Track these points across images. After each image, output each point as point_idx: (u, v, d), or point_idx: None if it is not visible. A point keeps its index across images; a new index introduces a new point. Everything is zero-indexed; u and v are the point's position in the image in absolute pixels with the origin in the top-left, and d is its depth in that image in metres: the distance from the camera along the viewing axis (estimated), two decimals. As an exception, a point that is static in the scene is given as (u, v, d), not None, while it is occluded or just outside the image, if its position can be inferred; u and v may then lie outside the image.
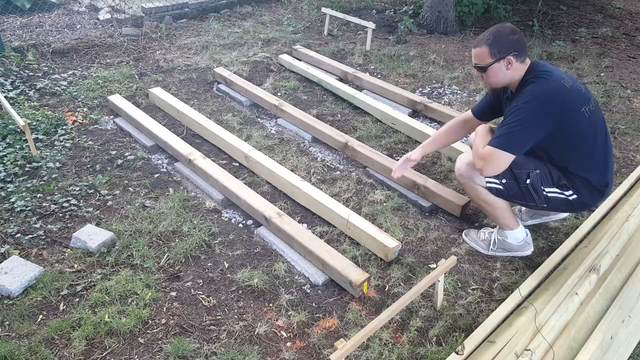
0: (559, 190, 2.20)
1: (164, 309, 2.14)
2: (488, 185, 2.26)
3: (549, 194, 2.20)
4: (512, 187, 2.22)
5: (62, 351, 1.93)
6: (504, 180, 2.22)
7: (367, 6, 6.42)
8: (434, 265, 2.37)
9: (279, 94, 4.08)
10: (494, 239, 2.45)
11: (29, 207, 2.67)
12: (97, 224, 2.58)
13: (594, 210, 2.68)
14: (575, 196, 2.20)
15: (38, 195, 2.77)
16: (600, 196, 2.22)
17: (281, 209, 2.66)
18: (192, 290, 2.25)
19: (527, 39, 5.34)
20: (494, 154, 2.08)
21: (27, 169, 2.96)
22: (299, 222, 2.65)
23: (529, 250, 2.46)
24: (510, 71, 2.12)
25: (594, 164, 2.16)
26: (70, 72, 4.22)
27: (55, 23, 5.31)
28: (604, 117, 2.30)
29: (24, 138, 3.18)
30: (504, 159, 2.08)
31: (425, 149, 2.55)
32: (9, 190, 2.77)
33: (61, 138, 3.29)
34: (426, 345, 2.01)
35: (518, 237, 2.42)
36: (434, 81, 4.39)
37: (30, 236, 2.49)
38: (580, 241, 2.47)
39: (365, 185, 2.99)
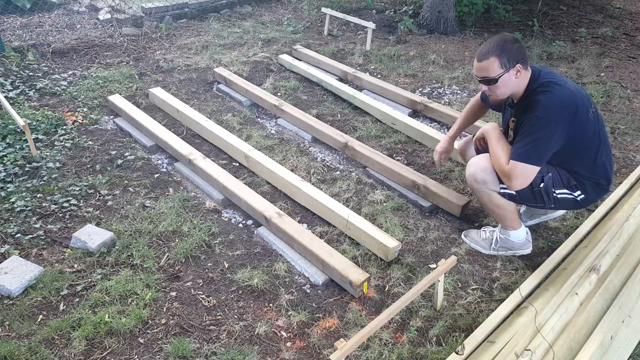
0: (568, 192, 2.24)
1: (164, 309, 2.14)
2: (502, 191, 2.27)
3: (559, 196, 2.23)
4: (525, 191, 2.22)
5: (62, 351, 1.93)
6: None
7: (367, 6, 6.42)
8: (434, 265, 2.37)
9: (279, 94, 4.08)
10: (496, 238, 2.45)
11: (29, 207, 2.67)
12: (97, 224, 2.58)
13: (594, 210, 2.68)
14: (583, 196, 2.25)
15: (38, 195, 2.77)
16: (605, 193, 2.29)
17: (281, 209, 2.66)
18: (192, 290, 2.25)
19: (527, 39, 5.35)
20: (522, 169, 2.08)
21: (27, 169, 2.96)
22: (299, 222, 2.65)
23: (529, 249, 2.46)
24: (518, 79, 2.12)
25: (600, 164, 2.20)
26: (70, 72, 4.22)
27: (55, 23, 5.31)
28: (604, 116, 2.32)
29: (24, 138, 3.18)
30: (532, 172, 2.09)
31: (454, 135, 2.64)
32: (9, 190, 2.77)
33: (61, 138, 3.29)
34: (426, 345, 2.01)
35: (520, 236, 2.43)
36: (434, 81, 4.39)
37: (30, 236, 2.49)
38: (580, 241, 2.47)
39: (365, 185, 2.99)
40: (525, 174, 2.09)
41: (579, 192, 2.24)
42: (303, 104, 3.94)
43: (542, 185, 2.19)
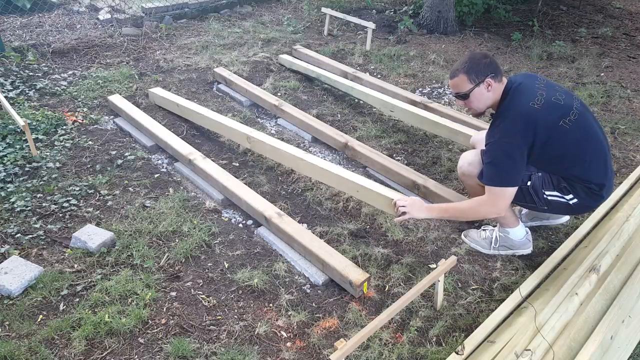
0: (559, 194, 2.21)
1: (164, 309, 2.14)
2: None
3: (549, 197, 2.21)
4: None
5: (62, 351, 1.93)
6: None
7: (367, 6, 6.42)
8: (434, 265, 2.37)
9: (279, 94, 4.08)
10: (496, 237, 2.45)
11: (29, 207, 2.67)
12: (97, 224, 2.58)
13: (594, 211, 2.68)
14: (575, 200, 2.21)
15: (38, 195, 2.77)
16: (601, 199, 2.23)
17: (281, 209, 2.66)
18: (192, 290, 2.25)
19: (527, 39, 5.35)
20: (499, 193, 2.12)
21: (27, 169, 2.96)
22: (299, 222, 2.65)
23: (529, 249, 2.46)
24: (491, 93, 2.18)
25: (587, 169, 2.16)
26: (70, 72, 4.22)
27: (55, 23, 5.31)
28: (604, 116, 2.29)
29: (24, 138, 3.18)
30: (510, 194, 2.13)
31: None
32: (9, 190, 2.77)
33: (61, 138, 3.29)
34: (426, 345, 2.01)
35: (519, 235, 2.43)
36: (434, 81, 4.39)
37: (30, 236, 2.49)
38: (580, 241, 2.47)
39: (365, 185, 2.99)
40: (504, 197, 2.13)
41: (571, 196, 2.20)
42: (303, 104, 3.94)
43: (529, 183, 2.19)
